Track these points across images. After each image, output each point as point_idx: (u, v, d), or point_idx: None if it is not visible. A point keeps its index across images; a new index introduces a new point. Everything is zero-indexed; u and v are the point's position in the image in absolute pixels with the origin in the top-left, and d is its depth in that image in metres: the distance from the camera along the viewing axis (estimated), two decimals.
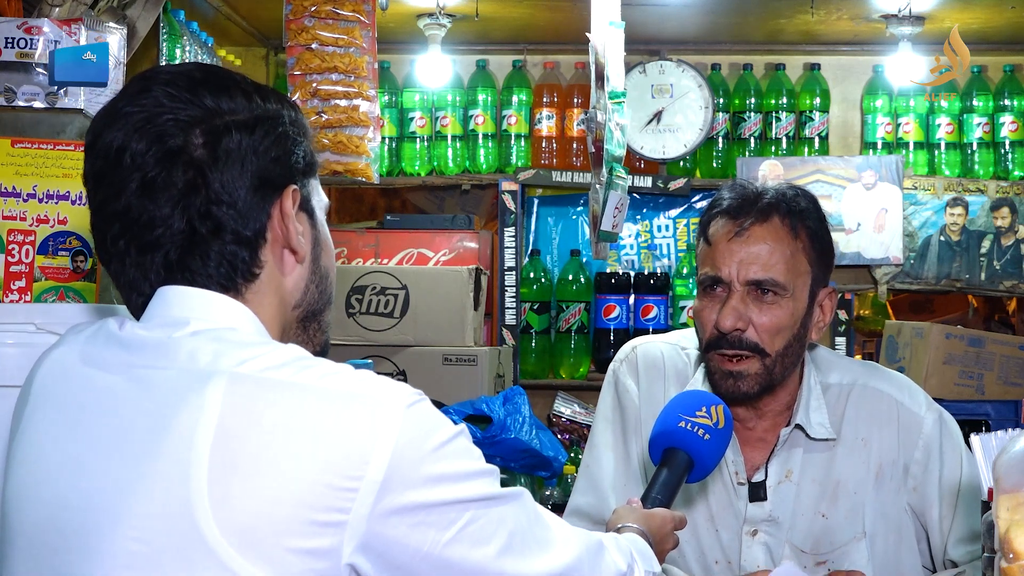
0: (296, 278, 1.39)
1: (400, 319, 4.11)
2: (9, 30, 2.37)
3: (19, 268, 2.20)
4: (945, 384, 3.92)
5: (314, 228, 1.42)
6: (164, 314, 1.32)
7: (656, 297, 4.60)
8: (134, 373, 1.29)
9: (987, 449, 1.56)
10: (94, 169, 1.34)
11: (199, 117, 1.32)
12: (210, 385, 1.24)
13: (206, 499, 1.19)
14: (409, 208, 5.26)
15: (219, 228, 1.31)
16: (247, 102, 1.35)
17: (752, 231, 2.05)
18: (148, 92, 1.33)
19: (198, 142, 1.30)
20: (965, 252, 4.57)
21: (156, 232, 1.31)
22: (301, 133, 1.40)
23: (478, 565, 1.29)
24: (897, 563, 2.13)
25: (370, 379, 1.28)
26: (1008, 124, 4.65)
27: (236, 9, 4.36)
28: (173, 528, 1.20)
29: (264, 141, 1.34)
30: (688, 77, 4.63)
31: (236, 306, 1.33)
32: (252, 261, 1.34)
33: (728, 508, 2.14)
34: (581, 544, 1.42)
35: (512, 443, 3.52)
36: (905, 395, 2.18)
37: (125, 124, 1.31)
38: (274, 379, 1.24)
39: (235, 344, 1.28)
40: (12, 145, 2.22)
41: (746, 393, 2.07)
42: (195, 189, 1.30)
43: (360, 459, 1.22)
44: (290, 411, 1.23)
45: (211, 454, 1.20)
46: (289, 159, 1.37)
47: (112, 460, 1.26)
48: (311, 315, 1.43)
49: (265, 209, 1.34)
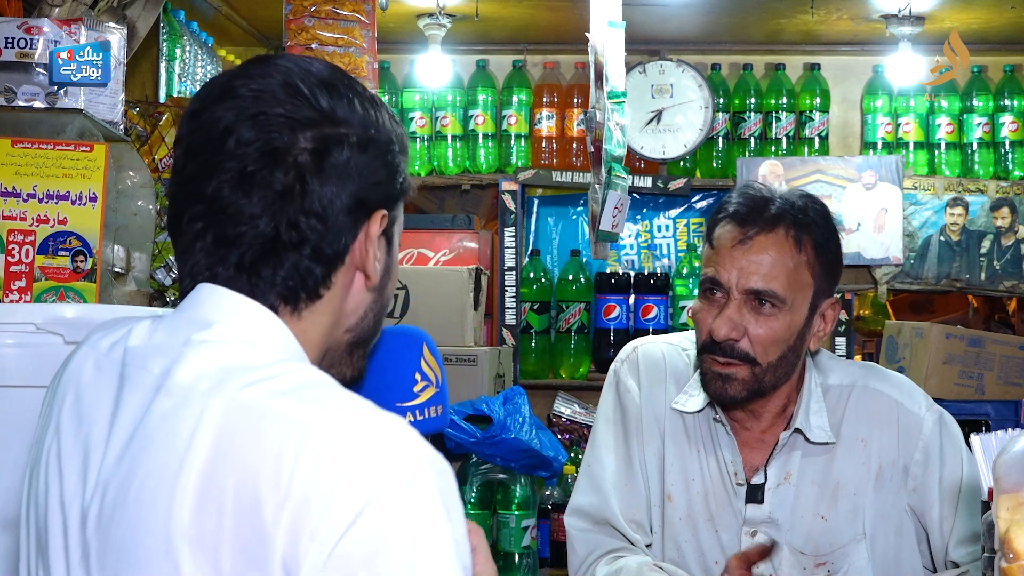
0: (358, 303, 1.33)
1: (400, 319, 4.11)
2: (9, 30, 2.37)
3: (19, 268, 2.20)
4: (945, 384, 3.92)
5: (389, 255, 1.35)
6: (192, 313, 1.27)
7: (656, 297, 4.60)
8: (142, 389, 1.24)
9: (987, 449, 1.56)
10: (192, 140, 1.28)
11: (313, 120, 1.26)
12: (209, 408, 1.17)
13: (186, 539, 1.14)
14: (409, 208, 5.26)
15: (303, 240, 1.25)
16: (364, 114, 1.30)
17: (756, 240, 2.04)
18: (268, 78, 1.27)
19: (306, 147, 1.25)
20: (965, 252, 4.57)
21: (240, 228, 1.24)
22: (406, 159, 1.35)
23: None
24: (897, 564, 2.13)
25: (381, 426, 1.15)
26: (1008, 124, 4.65)
27: (236, 9, 4.36)
28: (154, 569, 1.15)
29: (372, 164, 1.29)
30: (688, 77, 4.63)
31: (269, 319, 1.27)
32: (323, 281, 1.28)
33: (727, 508, 2.14)
34: None
35: (512, 443, 3.52)
36: (905, 396, 2.17)
37: (237, 105, 1.26)
38: (273, 408, 1.16)
39: (245, 366, 1.20)
40: (12, 145, 2.22)
41: (733, 397, 2.07)
42: (291, 195, 1.24)
43: (333, 520, 1.10)
44: (278, 447, 1.13)
45: (199, 481, 1.14)
46: (390, 185, 1.32)
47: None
48: (360, 342, 1.36)
49: (353, 232, 1.28)
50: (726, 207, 2.09)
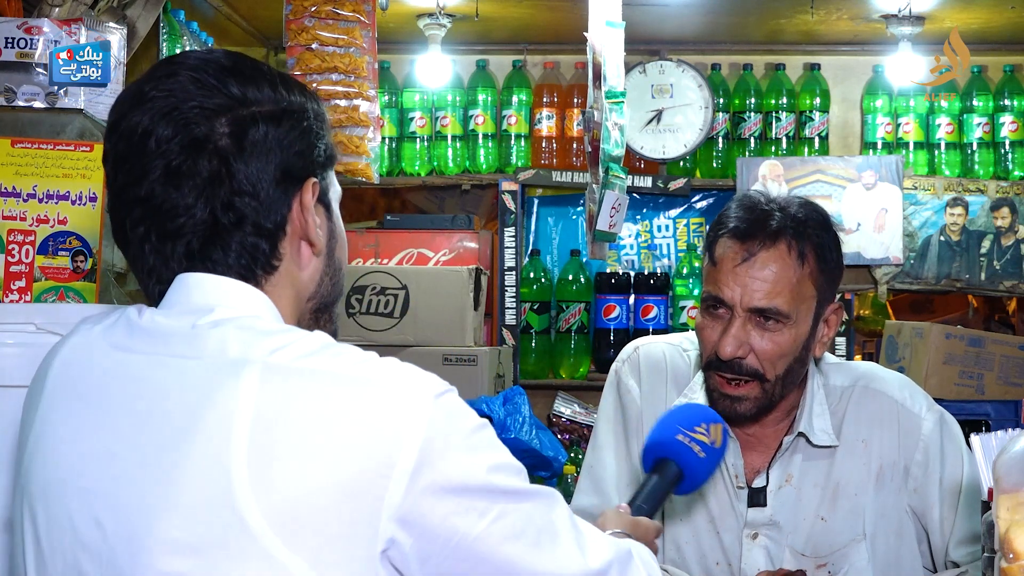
0: (312, 270, 1.40)
1: (400, 319, 4.11)
2: (9, 30, 2.37)
3: (19, 268, 2.20)
4: (945, 384, 3.92)
5: (330, 221, 1.42)
6: (185, 301, 1.32)
7: (656, 297, 4.60)
8: (162, 361, 1.29)
9: (987, 449, 1.56)
10: (116, 150, 1.33)
11: (225, 106, 1.31)
12: (244, 374, 1.24)
13: (248, 488, 1.20)
14: (409, 208, 5.26)
15: (241, 219, 1.31)
16: (273, 92, 1.35)
17: (758, 257, 2.02)
18: (175, 76, 1.32)
19: (224, 131, 1.30)
20: (965, 252, 4.57)
21: (179, 221, 1.30)
22: (323, 126, 1.40)
23: (507, 560, 1.29)
24: (898, 564, 2.13)
25: (400, 368, 1.29)
26: (1008, 124, 4.65)
27: (236, 9, 4.36)
28: (215, 517, 1.21)
29: (290, 134, 1.35)
30: (688, 77, 4.63)
31: (257, 294, 1.34)
32: (272, 253, 1.34)
33: (729, 511, 2.13)
34: (611, 551, 1.41)
35: (512, 443, 3.52)
36: (906, 396, 2.17)
37: (151, 108, 1.31)
38: (307, 368, 1.25)
39: (262, 333, 1.28)
40: (12, 145, 2.22)
41: (743, 415, 2.07)
42: (219, 179, 1.30)
43: (393, 446, 1.23)
44: (324, 400, 1.24)
45: (250, 443, 1.21)
46: (312, 152, 1.37)
47: (146, 449, 1.26)
48: (323, 307, 1.44)
49: (286, 202, 1.35)
50: (726, 222, 2.07)
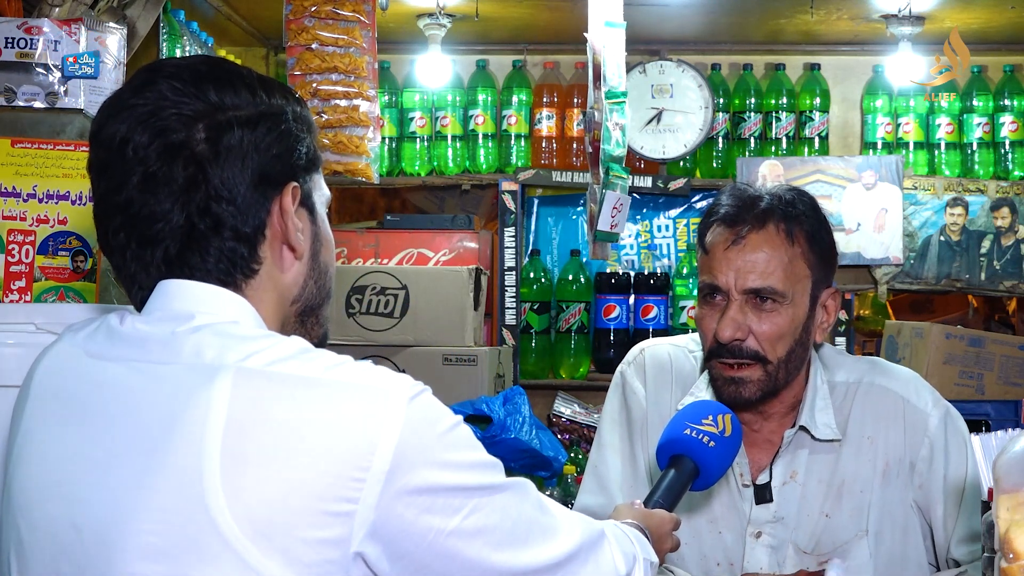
0: (294, 274, 1.39)
1: (400, 319, 4.11)
2: (9, 30, 2.37)
3: (19, 268, 2.20)
4: (945, 384, 3.92)
5: (314, 224, 1.42)
6: (166, 307, 1.33)
7: (656, 297, 4.60)
8: (139, 367, 1.30)
9: (987, 449, 1.56)
10: (97, 159, 1.35)
11: (202, 112, 1.31)
12: (218, 380, 1.24)
13: (220, 492, 1.21)
14: (409, 208, 5.26)
15: (218, 224, 1.32)
16: (251, 97, 1.35)
17: (748, 239, 2.05)
18: (153, 85, 1.33)
19: (200, 137, 1.31)
20: (965, 252, 4.57)
21: (156, 227, 1.31)
22: (305, 129, 1.40)
23: (479, 555, 1.30)
24: (903, 560, 2.12)
25: (373, 370, 1.29)
26: (1008, 124, 4.65)
27: (236, 9, 4.36)
28: (188, 521, 1.21)
29: (266, 138, 1.34)
30: (688, 77, 4.63)
31: (237, 300, 1.34)
32: (251, 257, 1.34)
33: (732, 510, 2.13)
34: (583, 533, 1.43)
35: (512, 443, 3.52)
36: (911, 392, 2.18)
37: (129, 116, 1.32)
38: (280, 372, 1.25)
39: (239, 338, 1.29)
40: (12, 145, 2.22)
41: (748, 399, 2.07)
42: (195, 185, 1.30)
43: (367, 449, 1.23)
44: (297, 404, 1.24)
45: (223, 448, 1.22)
46: (291, 156, 1.37)
47: (121, 455, 1.27)
48: (309, 310, 1.43)
49: (265, 206, 1.34)
50: (716, 210, 2.10)
